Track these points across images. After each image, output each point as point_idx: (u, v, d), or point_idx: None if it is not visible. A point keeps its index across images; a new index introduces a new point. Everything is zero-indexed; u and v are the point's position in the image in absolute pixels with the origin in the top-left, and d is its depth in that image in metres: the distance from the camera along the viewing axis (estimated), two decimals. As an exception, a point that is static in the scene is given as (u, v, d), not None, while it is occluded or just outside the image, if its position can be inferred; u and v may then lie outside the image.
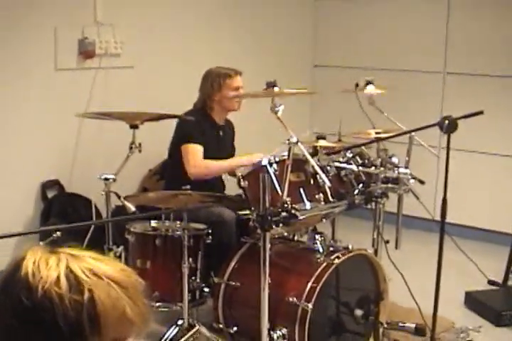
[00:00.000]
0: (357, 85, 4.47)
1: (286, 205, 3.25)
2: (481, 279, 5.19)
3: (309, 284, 3.50)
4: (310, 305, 3.43)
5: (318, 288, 3.47)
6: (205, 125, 4.56)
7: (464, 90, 6.09)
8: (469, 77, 6.08)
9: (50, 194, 5.11)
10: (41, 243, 3.26)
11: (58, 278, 1.29)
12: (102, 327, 1.29)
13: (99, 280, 1.31)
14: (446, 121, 3.59)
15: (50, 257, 1.32)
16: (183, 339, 3.64)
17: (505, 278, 5.19)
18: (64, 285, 1.28)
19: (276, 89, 3.43)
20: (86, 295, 1.28)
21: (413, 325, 4.15)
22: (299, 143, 3.30)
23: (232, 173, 4.58)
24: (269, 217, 3.20)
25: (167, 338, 3.79)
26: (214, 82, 4.60)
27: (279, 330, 3.50)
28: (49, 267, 1.30)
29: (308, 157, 3.35)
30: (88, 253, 1.37)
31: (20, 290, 1.28)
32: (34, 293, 1.27)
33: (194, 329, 3.66)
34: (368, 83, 4.36)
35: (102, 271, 1.32)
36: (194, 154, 4.40)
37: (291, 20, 6.73)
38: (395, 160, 4.04)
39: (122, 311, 1.32)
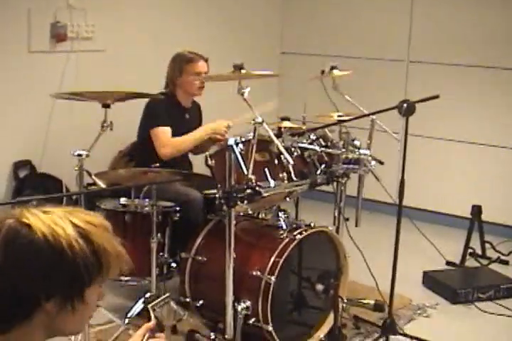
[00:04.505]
0: (323, 72, 4.57)
1: (250, 183, 3.38)
2: (439, 260, 5.36)
3: (272, 258, 3.61)
4: (273, 278, 3.55)
5: (281, 262, 3.59)
6: (172, 107, 4.65)
7: (426, 78, 6.24)
8: (431, 66, 6.24)
9: (22, 174, 5.20)
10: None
11: (73, 233, 1.49)
12: (111, 264, 1.54)
13: (96, 228, 1.53)
14: (405, 105, 3.75)
15: (52, 217, 1.51)
16: (153, 303, 3.74)
17: (463, 260, 5.38)
18: (79, 239, 1.49)
19: (243, 71, 3.55)
20: (95, 242, 1.51)
21: (372, 302, 4.29)
22: (264, 124, 3.41)
23: (198, 151, 4.71)
24: (235, 194, 3.33)
25: (135, 310, 3.93)
26: (177, 66, 4.68)
27: (243, 303, 3.61)
28: (60, 226, 1.49)
29: (273, 137, 3.44)
30: (69, 209, 1.57)
31: (42, 249, 1.47)
32: (58, 250, 1.47)
33: (164, 296, 3.76)
34: (333, 68, 4.46)
35: (92, 220, 1.55)
36: (163, 136, 4.49)
37: (259, 8, 6.84)
38: (356, 142, 4.15)
39: (117, 249, 1.56)
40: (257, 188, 3.38)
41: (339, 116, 4.42)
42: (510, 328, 4.36)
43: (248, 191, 3.36)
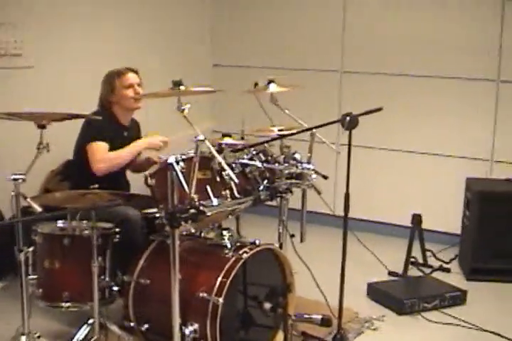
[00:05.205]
0: (256, 84, 4.52)
1: (193, 202, 3.29)
2: (382, 271, 5.36)
3: (219, 279, 3.52)
4: (220, 300, 3.46)
5: (228, 282, 3.51)
6: (111, 125, 4.54)
7: (359, 88, 6.25)
8: (365, 76, 6.25)
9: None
10: None
11: None
12: None
13: None
14: (348, 118, 3.71)
15: None
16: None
17: (405, 269, 5.37)
18: None
19: (182, 87, 3.46)
20: None
21: (319, 316, 4.23)
22: (206, 141, 3.33)
23: (137, 169, 4.62)
24: (178, 214, 3.23)
25: (78, 338, 3.80)
26: (107, 84, 4.61)
27: (191, 325, 3.51)
28: None
29: (215, 154, 3.38)
30: None
31: None
32: None
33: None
34: (270, 82, 4.41)
35: None
36: (99, 152, 4.37)
37: (189, 20, 6.79)
38: (297, 156, 4.13)
39: None
40: (201, 208, 3.29)
41: (279, 130, 4.36)
42: (457, 337, 4.35)
43: (192, 211, 3.27)
